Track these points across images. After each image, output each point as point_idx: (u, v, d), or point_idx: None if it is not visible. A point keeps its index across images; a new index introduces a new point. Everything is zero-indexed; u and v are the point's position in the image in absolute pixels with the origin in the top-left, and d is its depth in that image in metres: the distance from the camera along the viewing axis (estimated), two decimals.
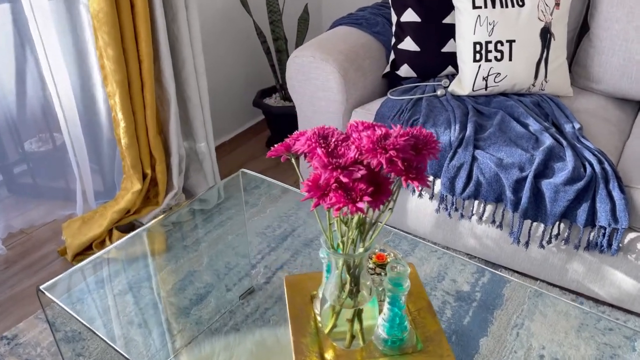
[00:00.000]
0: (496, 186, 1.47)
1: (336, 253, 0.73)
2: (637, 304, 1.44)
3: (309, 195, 0.65)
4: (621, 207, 1.32)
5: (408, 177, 0.61)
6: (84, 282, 1.66)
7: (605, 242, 1.38)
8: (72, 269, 1.32)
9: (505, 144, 1.48)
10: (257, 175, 1.62)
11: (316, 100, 1.76)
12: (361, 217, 0.69)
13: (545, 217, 1.42)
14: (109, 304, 1.55)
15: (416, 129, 0.66)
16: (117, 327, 1.50)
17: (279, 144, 0.73)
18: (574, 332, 1.41)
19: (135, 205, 1.77)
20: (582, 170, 1.37)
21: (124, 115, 1.60)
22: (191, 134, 1.86)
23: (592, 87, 1.79)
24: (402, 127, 0.66)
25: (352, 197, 0.63)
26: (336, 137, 0.67)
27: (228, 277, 1.68)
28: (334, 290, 0.79)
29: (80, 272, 1.78)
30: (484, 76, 1.67)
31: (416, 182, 0.61)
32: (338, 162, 0.63)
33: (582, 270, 1.48)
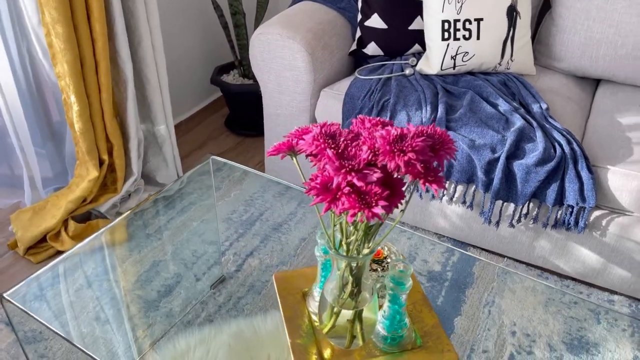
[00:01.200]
0: (468, 167, 1.47)
1: (340, 255, 0.70)
2: (599, 278, 1.51)
3: (318, 200, 0.61)
4: (589, 186, 1.36)
5: (427, 180, 0.58)
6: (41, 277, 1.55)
7: (572, 220, 1.42)
8: (40, 271, 1.22)
9: (476, 124, 1.48)
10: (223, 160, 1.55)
11: (283, 80, 1.70)
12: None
13: (516, 198, 1.44)
14: (71, 300, 1.46)
15: (430, 127, 0.62)
16: (81, 325, 1.42)
17: (279, 143, 0.68)
18: (541, 308, 1.46)
19: (92, 194, 1.66)
20: (552, 151, 1.40)
21: (77, 98, 1.48)
22: (149, 116, 1.75)
23: (554, 66, 1.82)
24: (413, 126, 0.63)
25: (366, 202, 0.59)
26: (345, 137, 0.63)
27: (197, 266, 1.61)
28: (335, 290, 0.76)
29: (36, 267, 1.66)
30: (452, 55, 1.66)
31: (434, 185, 0.58)
32: (351, 165, 0.59)
33: (549, 247, 1.53)
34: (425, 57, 1.73)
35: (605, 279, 1.50)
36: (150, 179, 1.87)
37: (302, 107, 1.72)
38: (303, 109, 1.72)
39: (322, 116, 1.70)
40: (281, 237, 1.71)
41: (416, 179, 0.58)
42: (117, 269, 1.56)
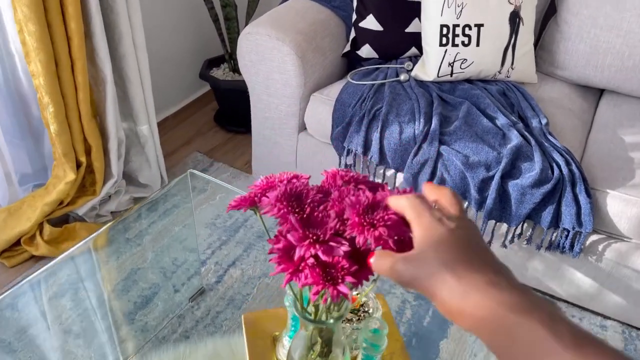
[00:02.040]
0: (461, 184, 1.40)
1: (307, 319, 0.63)
2: (593, 303, 1.45)
3: (280, 269, 0.54)
4: (586, 211, 1.29)
5: None
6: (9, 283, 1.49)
7: (567, 244, 1.36)
8: (22, 283, 1.15)
9: (471, 139, 1.41)
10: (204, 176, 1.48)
11: (271, 82, 1.61)
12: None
13: (509, 218, 1.38)
14: (42, 310, 1.40)
15: (405, 190, 0.55)
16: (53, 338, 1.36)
17: (240, 198, 0.61)
18: None
19: (69, 196, 1.60)
20: (550, 172, 1.33)
21: (51, 98, 1.41)
22: (131, 115, 1.67)
23: (557, 74, 1.73)
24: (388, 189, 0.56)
25: (332, 277, 0.52)
26: (312, 198, 0.56)
27: (176, 275, 1.55)
28: (302, 350, 0.69)
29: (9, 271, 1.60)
30: (449, 62, 1.57)
31: None
32: (316, 234, 0.53)
33: (542, 269, 1.47)
34: (422, 62, 1.64)
35: (599, 304, 1.45)
36: (132, 179, 1.80)
37: (291, 112, 1.64)
38: (292, 113, 1.64)
39: (311, 121, 1.62)
40: (265, 246, 1.64)
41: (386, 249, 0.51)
42: (93, 277, 1.50)
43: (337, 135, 1.54)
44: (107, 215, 1.73)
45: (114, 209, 1.73)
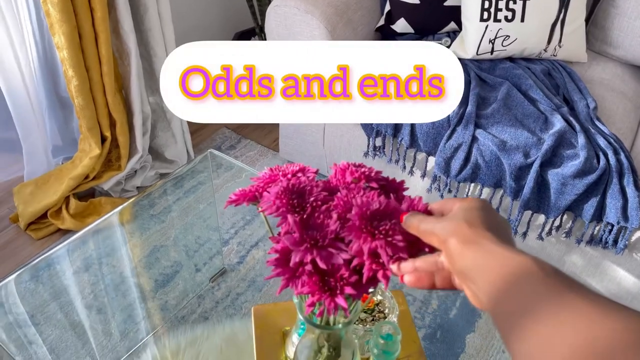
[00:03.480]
0: (496, 171, 1.31)
1: (312, 324, 0.58)
2: (635, 302, 1.35)
3: (275, 273, 0.49)
4: (634, 205, 1.19)
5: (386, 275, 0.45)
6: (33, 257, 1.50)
7: (610, 239, 1.25)
8: (40, 258, 1.15)
9: (510, 123, 1.31)
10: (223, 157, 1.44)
11: None
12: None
13: (548, 210, 1.28)
14: (66, 284, 1.41)
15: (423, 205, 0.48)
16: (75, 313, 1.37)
17: (240, 192, 0.55)
18: None
19: (95, 171, 1.59)
20: (595, 161, 1.22)
21: (75, 72, 1.38)
22: (158, 89, 1.64)
23: (609, 53, 1.59)
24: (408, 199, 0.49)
25: (330, 286, 0.47)
26: (315, 196, 0.50)
27: (198, 254, 1.53)
28: (309, 354, 0.65)
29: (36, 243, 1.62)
30: (490, 39, 1.46)
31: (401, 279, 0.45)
32: (315, 238, 0.47)
33: (581, 264, 1.37)
34: (460, 38, 1.54)
35: None
36: (159, 155, 1.78)
37: None
38: None
39: None
40: None
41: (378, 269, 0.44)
42: (117, 253, 1.50)
43: None
44: (133, 190, 1.72)
45: (140, 184, 1.72)
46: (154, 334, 1.30)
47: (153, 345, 1.26)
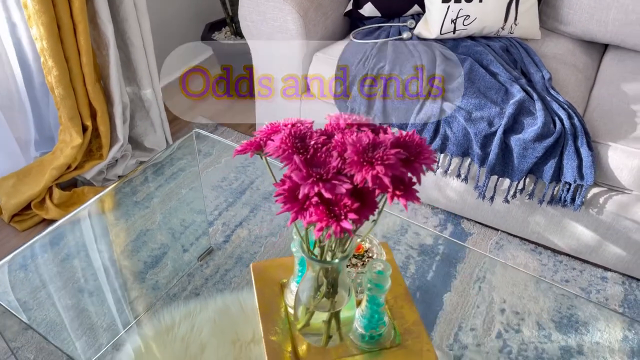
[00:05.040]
0: (463, 141, 1.41)
1: (313, 259, 0.66)
2: (594, 255, 1.48)
3: (285, 209, 0.56)
4: (588, 164, 1.31)
5: (394, 194, 0.53)
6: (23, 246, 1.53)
7: (569, 198, 1.37)
8: (27, 245, 1.19)
9: (474, 95, 1.41)
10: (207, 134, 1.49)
11: (274, 43, 1.61)
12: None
13: (512, 173, 1.39)
14: (55, 270, 1.44)
15: (408, 134, 0.57)
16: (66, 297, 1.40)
17: (246, 142, 0.62)
18: (532, 284, 1.44)
19: (77, 160, 1.62)
20: (552, 125, 1.34)
21: (55, 62, 1.41)
22: (135, 79, 1.68)
23: (561, 29, 1.72)
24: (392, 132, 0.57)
25: (335, 214, 0.55)
26: (315, 140, 0.58)
27: (184, 236, 1.59)
28: (309, 291, 0.72)
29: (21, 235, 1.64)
30: (452, 18, 1.56)
31: (403, 199, 0.54)
32: (319, 173, 0.54)
33: (544, 223, 1.49)
34: (425, 19, 1.63)
35: (599, 256, 1.47)
36: (138, 144, 1.81)
37: (294, 72, 1.64)
38: (295, 74, 1.64)
39: (314, 83, 1.62)
40: (272, 207, 1.67)
41: (384, 192, 0.53)
42: (103, 239, 1.54)
43: (339, 95, 1.54)
44: (115, 179, 1.75)
45: (121, 173, 1.75)
46: (148, 311, 1.35)
47: (148, 322, 1.31)
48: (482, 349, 1.27)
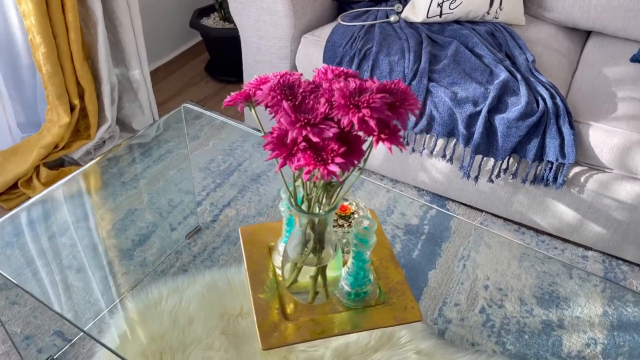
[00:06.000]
0: (449, 121, 1.44)
1: (301, 211, 0.67)
2: (575, 234, 1.51)
3: (274, 155, 0.58)
4: (570, 142, 1.34)
5: (380, 138, 0.55)
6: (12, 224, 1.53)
7: (551, 177, 1.40)
8: (6, 216, 1.19)
9: (459, 76, 1.44)
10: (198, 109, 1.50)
11: (262, 24, 1.62)
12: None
13: (496, 152, 1.42)
14: (43, 247, 1.44)
15: (394, 82, 0.59)
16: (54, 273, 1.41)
17: (236, 93, 0.64)
18: (515, 262, 1.47)
19: (64, 140, 1.62)
20: (535, 105, 1.36)
21: (43, 39, 1.41)
22: (123, 60, 1.68)
23: (544, 16, 1.75)
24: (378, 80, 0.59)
25: (322, 158, 0.56)
26: (304, 88, 0.59)
27: (172, 215, 1.59)
28: (297, 247, 0.74)
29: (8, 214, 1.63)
30: (439, 2, 1.59)
31: (388, 143, 0.55)
32: (307, 118, 0.56)
33: (527, 203, 1.52)
34: (412, 3, 1.65)
35: (580, 235, 1.51)
36: (126, 126, 1.82)
37: (282, 54, 1.65)
38: (283, 55, 1.66)
39: (302, 64, 1.64)
40: (259, 188, 1.69)
41: (369, 135, 0.55)
42: (91, 217, 1.54)
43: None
44: (103, 160, 1.75)
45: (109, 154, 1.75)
46: (135, 287, 1.36)
47: (136, 296, 1.32)
48: (465, 323, 1.30)
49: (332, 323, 0.78)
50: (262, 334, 0.75)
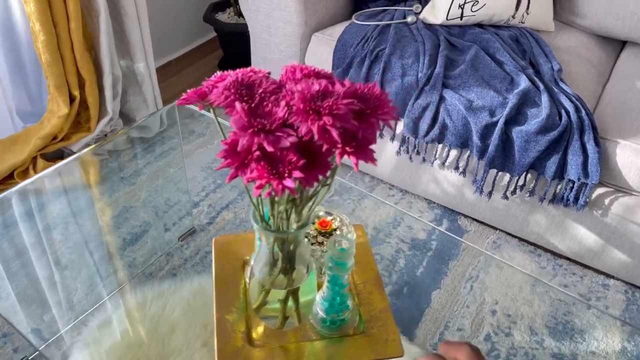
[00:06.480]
0: (463, 131, 1.34)
1: (266, 229, 0.59)
2: (596, 260, 1.39)
3: (225, 164, 0.50)
4: (594, 161, 1.22)
5: (344, 151, 0.46)
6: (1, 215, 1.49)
7: (572, 197, 1.29)
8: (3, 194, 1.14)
9: (477, 83, 1.33)
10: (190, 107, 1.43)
11: (272, 20, 1.55)
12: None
13: (512, 167, 1.31)
14: (33, 241, 1.39)
15: (368, 85, 0.50)
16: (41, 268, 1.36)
17: (191, 91, 0.56)
18: (528, 287, 1.36)
19: (63, 131, 1.57)
20: (557, 118, 1.25)
21: (42, 26, 1.37)
22: (128, 52, 1.63)
23: (576, 22, 1.63)
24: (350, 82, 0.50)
25: (278, 171, 0.48)
26: (264, 88, 0.51)
27: (167, 215, 1.53)
28: (264, 267, 0.66)
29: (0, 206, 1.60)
30: (460, 3, 1.49)
31: (354, 157, 0.46)
32: (262, 124, 0.48)
33: (544, 223, 1.41)
34: (431, 4, 1.55)
35: (602, 262, 1.38)
36: (130, 120, 1.76)
37: (291, 52, 1.57)
38: (292, 53, 1.58)
39: (312, 63, 1.55)
40: None
41: (332, 147, 0.46)
42: (85, 213, 1.49)
43: (337, 77, 1.47)
44: (104, 153, 1.70)
45: (111, 147, 1.70)
46: (120, 288, 1.30)
47: (120, 299, 1.26)
48: None
49: (303, 353, 0.69)
50: (221, 359, 0.67)
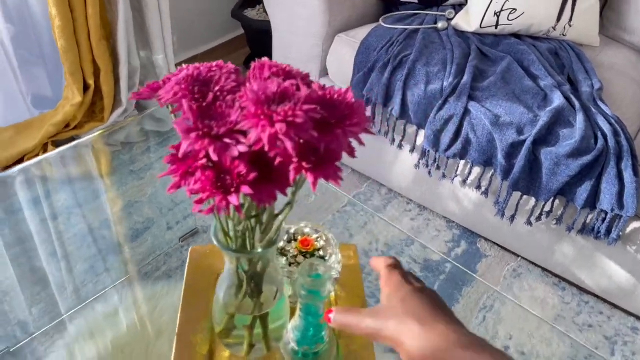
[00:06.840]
0: (487, 147, 1.23)
1: (227, 249, 0.52)
2: (626, 300, 1.26)
3: (170, 170, 0.42)
4: (631, 191, 1.10)
5: (300, 166, 0.38)
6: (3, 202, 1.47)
7: (604, 229, 1.17)
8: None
9: (506, 98, 1.23)
10: None
11: (295, 18, 1.48)
12: (250, 208, 0.47)
13: (538, 192, 1.20)
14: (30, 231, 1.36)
15: (339, 91, 0.42)
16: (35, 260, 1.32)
17: (145, 86, 0.49)
18: (548, 324, 1.24)
19: (76, 120, 1.54)
20: (593, 141, 1.13)
21: (58, 11, 1.33)
22: (148, 43, 1.59)
23: (623, 38, 1.50)
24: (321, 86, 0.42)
25: (224, 184, 0.40)
26: (222, 86, 0.43)
27: (172, 213, 1.48)
28: (228, 289, 0.58)
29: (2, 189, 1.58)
30: (496, 11, 1.38)
31: (312, 175, 0.38)
32: (210, 127, 0.40)
33: (572, 254, 1.29)
34: (465, 10, 1.46)
35: (633, 303, 1.25)
36: None
37: (314, 53, 1.50)
38: (314, 54, 1.50)
39: (333, 65, 1.48)
40: None
41: (286, 161, 0.38)
42: (89, 205, 1.45)
43: (357, 82, 1.39)
44: (117, 144, 1.67)
45: (124, 139, 1.67)
46: (112, 287, 1.25)
47: (111, 297, 1.21)
48: None
49: None
50: None
